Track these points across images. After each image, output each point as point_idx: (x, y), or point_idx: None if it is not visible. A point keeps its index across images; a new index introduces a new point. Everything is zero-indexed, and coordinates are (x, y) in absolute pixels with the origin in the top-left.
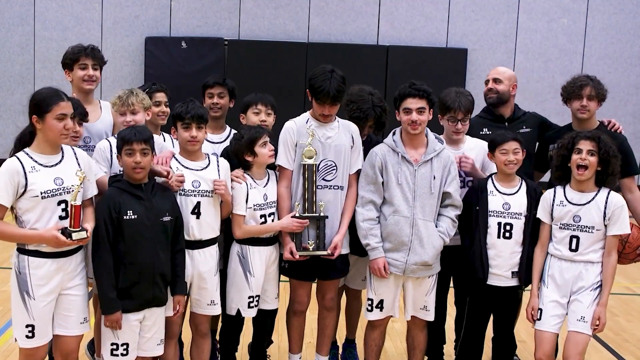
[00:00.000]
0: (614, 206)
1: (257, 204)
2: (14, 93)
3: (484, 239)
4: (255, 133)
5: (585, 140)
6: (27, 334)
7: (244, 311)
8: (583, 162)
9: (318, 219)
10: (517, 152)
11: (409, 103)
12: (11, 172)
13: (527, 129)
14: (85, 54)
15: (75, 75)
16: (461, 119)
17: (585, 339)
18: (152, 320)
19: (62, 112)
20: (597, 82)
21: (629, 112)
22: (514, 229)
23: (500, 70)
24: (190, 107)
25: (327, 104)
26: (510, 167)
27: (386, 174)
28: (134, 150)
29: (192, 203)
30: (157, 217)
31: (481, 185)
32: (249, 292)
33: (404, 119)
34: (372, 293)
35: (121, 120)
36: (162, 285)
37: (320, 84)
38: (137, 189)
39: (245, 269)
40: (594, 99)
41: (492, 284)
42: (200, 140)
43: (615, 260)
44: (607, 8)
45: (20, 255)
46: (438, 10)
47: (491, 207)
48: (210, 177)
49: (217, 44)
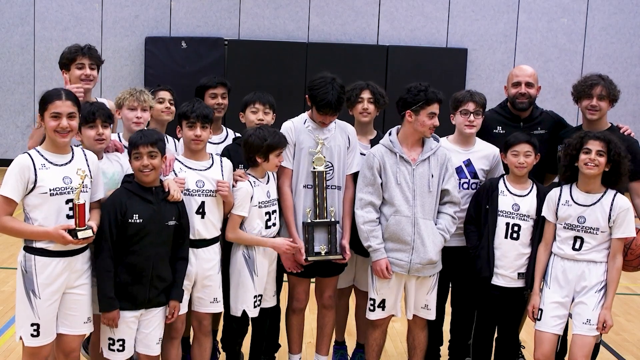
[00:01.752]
0: (620, 209)
1: (262, 202)
2: (14, 93)
3: (492, 238)
4: (278, 142)
5: (595, 141)
6: (32, 333)
7: (250, 311)
8: (592, 163)
9: (329, 224)
10: (528, 155)
11: (435, 108)
12: (22, 168)
13: (541, 130)
14: (82, 53)
15: (72, 75)
16: (473, 111)
17: (590, 341)
18: (148, 319)
19: (56, 111)
20: (609, 81)
21: (629, 112)
22: (521, 231)
23: (529, 72)
24: (196, 107)
25: (329, 114)
26: (520, 170)
27: (385, 174)
28: (140, 153)
29: (197, 203)
30: (162, 221)
31: (493, 184)
32: (254, 292)
33: (427, 122)
34: (374, 293)
35: (132, 116)
36: (160, 288)
37: (323, 96)
38: (147, 193)
39: (251, 269)
40: (605, 99)
41: (497, 284)
42: (205, 139)
43: (620, 263)
44: (607, 8)
45: (27, 254)
46: (438, 10)
47: (501, 207)
48: (214, 177)
49: (217, 44)
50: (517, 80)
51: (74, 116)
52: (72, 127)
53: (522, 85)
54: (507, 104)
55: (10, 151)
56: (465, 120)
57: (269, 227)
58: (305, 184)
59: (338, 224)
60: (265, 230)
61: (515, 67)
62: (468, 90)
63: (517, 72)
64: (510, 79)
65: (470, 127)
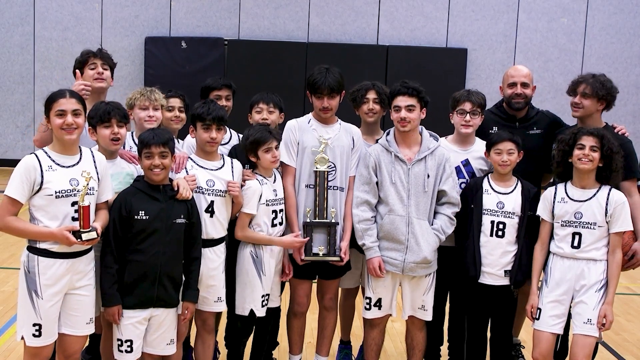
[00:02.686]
0: (616, 203)
1: (269, 200)
2: (14, 93)
3: (477, 237)
4: (259, 137)
5: (589, 136)
6: (33, 333)
7: (257, 311)
8: (586, 158)
9: (329, 225)
10: (511, 152)
11: (398, 101)
12: (28, 169)
13: (537, 130)
14: (93, 55)
15: (86, 76)
16: (470, 111)
17: (592, 341)
18: (158, 320)
19: (61, 108)
20: (598, 80)
21: (629, 112)
22: (506, 228)
23: (525, 72)
24: (212, 109)
25: (325, 94)
26: (503, 167)
27: (380, 173)
28: (152, 153)
29: (206, 202)
30: (170, 218)
31: (477, 183)
32: (262, 291)
33: (394, 116)
34: (370, 291)
35: (143, 115)
36: (170, 287)
37: (317, 77)
38: (155, 191)
39: (259, 269)
40: (589, 97)
41: (485, 282)
42: (219, 141)
43: (620, 258)
44: (607, 8)
45: (30, 254)
46: (438, 10)
47: (485, 205)
48: (225, 178)
49: (217, 44)
50: (513, 81)
51: (79, 113)
52: (77, 123)
53: (518, 86)
54: (502, 104)
55: (10, 151)
56: (461, 120)
57: (274, 225)
58: (307, 183)
59: (338, 226)
60: (271, 229)
61: (511, 68)
62: (467, 90)
63: (513, 72)
64: (505, 80)
65: (467, 126)
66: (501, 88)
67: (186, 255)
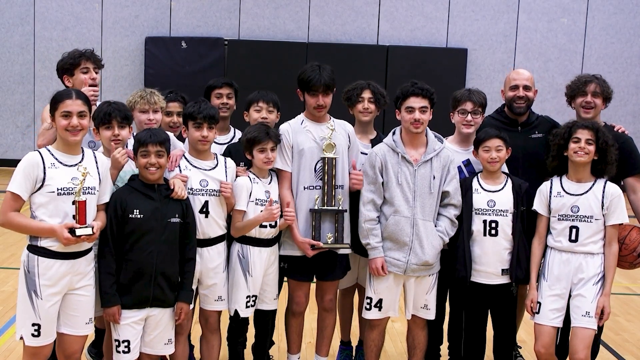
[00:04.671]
0: (612, 196)
1: (259, 199)
2: (14, 93)
3: (467, 237)
4: (256, 136)
5: (584, 130)
6: (33, 333)
7: (241, 311)
8: (582, 151)
9: (336, 213)
10: (500, 149)
11: (411, 102)
12: (31, 165)
13: (539, 134)
14: (86, 58)
15: (77, 80)
16: (471, 110)
17: (591, 333)
18: (155, 320)
19: (67, 110)
20: (602, 80)
21: (629, 112)
22: (499, 226)
23: (527, 76)
24: (203, 107)
25: (321, 92)
26: (492, 165)
27: (386, 174)
28: (148, 151)
29: (200, 202)
30: (164, 218)
31: (466, 183)
32: (246, 292)
33: (407, 117)
34: (371, 292)
35: (143, 118)
36: (166, 287)
37: (310, 74)
38: (150, 189)
39: (245, 269)
40: (599, 96)
41: (482, 282)
42: (211, 140)
43: (616, 250)
44: (607, 8)
45: (30, 254)
46: (438, 10)
47: (476, 205)
48: (218, 178)
49: (217, 44)
50: (515, 84)
51: (84, 115)
52: (82, 125)
53: (520, 89)
54: (503, 109)
55: (10, 151)
56: (462, 120)
57: (264, 226)
58: (306, 185)
59: (345, 213)
60: (259, 229)
61: (512, 71)
62: (468, 89)
63: (515, 75)
64: (507, 83)
65: (468, 126)
66: (502, 92)
67: (181, 255)
